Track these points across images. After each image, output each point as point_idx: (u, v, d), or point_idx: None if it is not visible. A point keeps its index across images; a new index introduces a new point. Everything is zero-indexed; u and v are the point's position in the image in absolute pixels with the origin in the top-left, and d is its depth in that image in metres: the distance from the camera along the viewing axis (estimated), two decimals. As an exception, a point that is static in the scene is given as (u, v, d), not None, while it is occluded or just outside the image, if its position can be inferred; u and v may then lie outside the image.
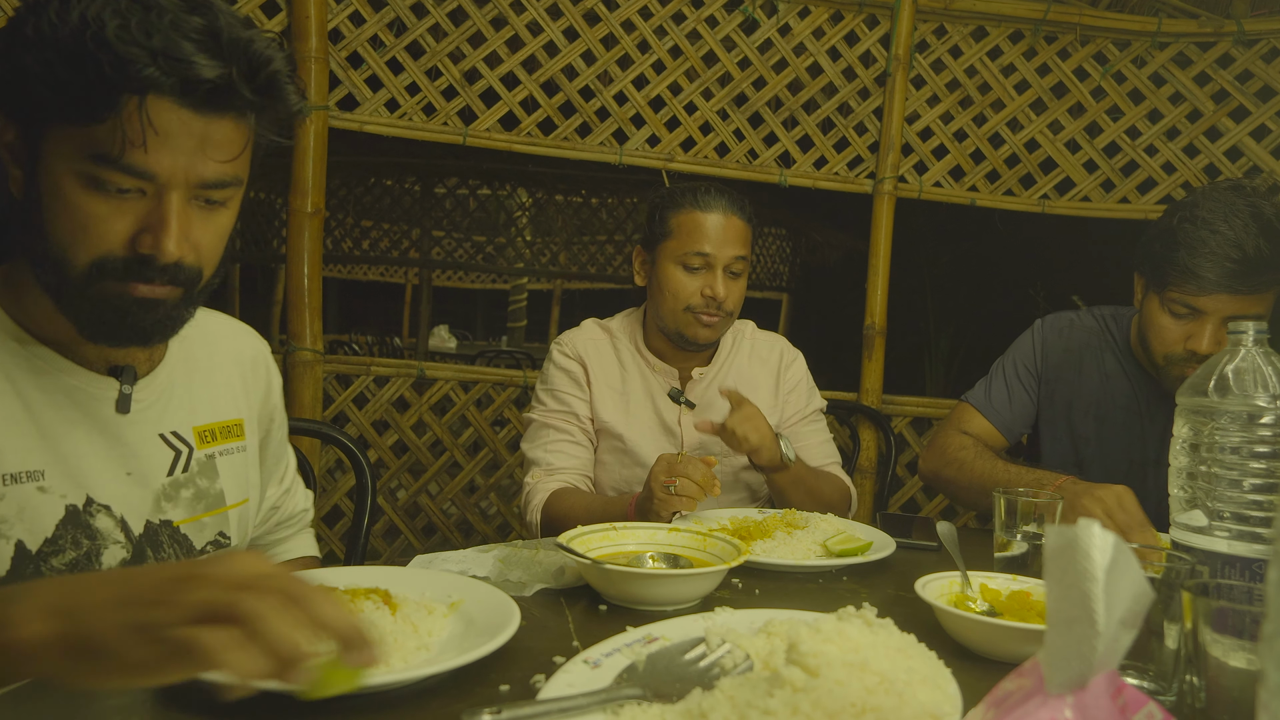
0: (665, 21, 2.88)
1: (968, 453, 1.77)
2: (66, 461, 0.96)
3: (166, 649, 0.60)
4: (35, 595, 0.64)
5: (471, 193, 7.30)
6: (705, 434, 1.60)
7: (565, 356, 1.85)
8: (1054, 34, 3.01)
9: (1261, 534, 0.96)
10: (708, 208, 1.74)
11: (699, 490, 1.38)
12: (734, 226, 1.74)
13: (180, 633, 0.59)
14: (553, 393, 1.82)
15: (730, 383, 1.85)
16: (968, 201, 3.04)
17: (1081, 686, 0.53)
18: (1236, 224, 1.49)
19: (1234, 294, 1.51)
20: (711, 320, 1.75)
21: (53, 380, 0.96)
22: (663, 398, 1.82)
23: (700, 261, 1.73)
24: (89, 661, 0.61)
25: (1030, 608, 1.00)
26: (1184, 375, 1.51)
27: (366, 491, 1.70)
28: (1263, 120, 2.93)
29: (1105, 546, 0.50)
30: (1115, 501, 1.39)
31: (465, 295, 12.95)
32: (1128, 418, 1.79)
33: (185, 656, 0.60)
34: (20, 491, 0.92)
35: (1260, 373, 0.99)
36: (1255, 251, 1.48)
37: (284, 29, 2.62)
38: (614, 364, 1.85)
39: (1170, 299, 1.58)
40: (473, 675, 0.83)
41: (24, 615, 0.62)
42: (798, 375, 1.95)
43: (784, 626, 0.86)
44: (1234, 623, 0.70)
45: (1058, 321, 1.89)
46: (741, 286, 1.78)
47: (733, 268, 1.75)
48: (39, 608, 0.62)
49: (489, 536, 3.06)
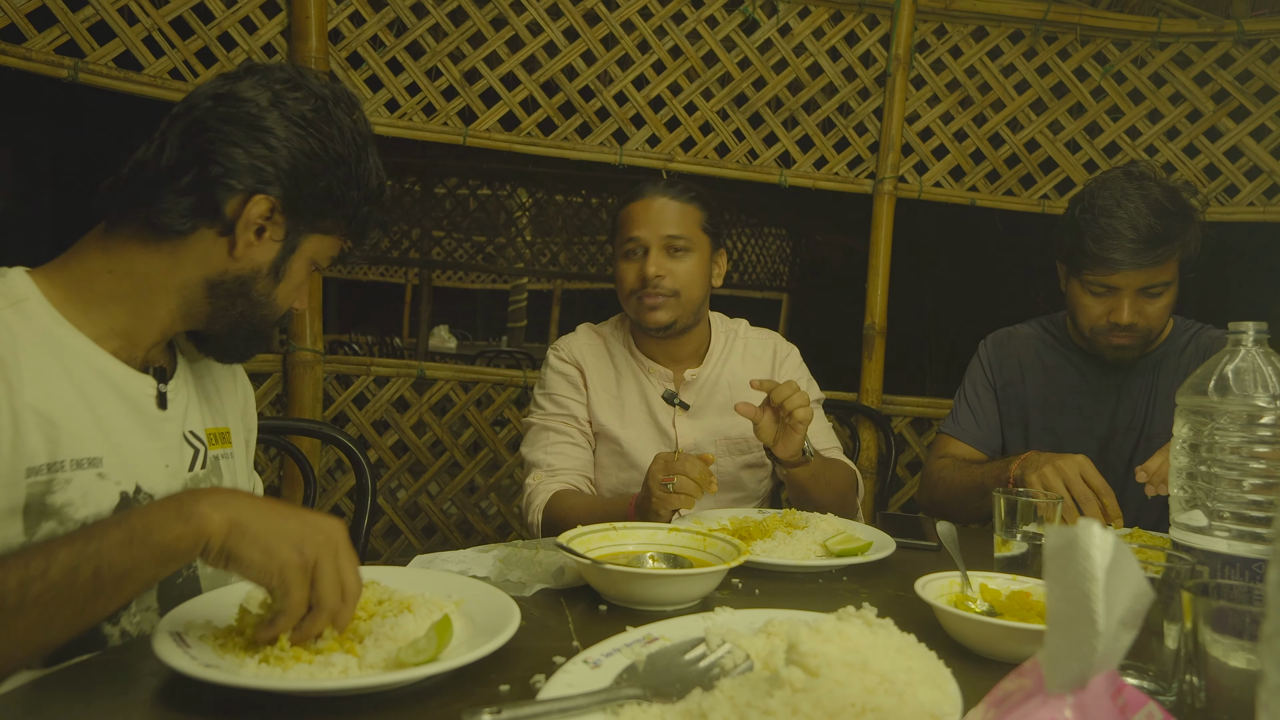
0: (665, 21, 2.88)
1: (946, 471, 1.91)
2: (119, 451, 1.04)
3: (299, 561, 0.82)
4: (208, 498, 0.83)
5: (471, 193, 7.30)
6: (746, 415, 1.56)
7: (562, 361, 1.86)
8: (1054, 34, 3.01)
9: (1261, 534, 0.96)
10: (638, 195, 1.77)
11: (697, 487, 1.39)
12: (666, 207, 1.76)
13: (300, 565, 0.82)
14: (551, 397, 1.83)
15: (724, 382, 1.86)
16: (968, 201, 3.04)
17: (1081, 686, 0.53)
18: (1129, 207, 1.67)
19: (1139, 269, 1.68)
20: (654, 301, 1.74)
21: (103, 375, 1.04)
22: (657, 400, 1.83)
23: (634, 245, 1.76)
24: (253, 544, 0.81)
25: (1030, 608, 1.00)
26: (1112, 343, 1.78)
27: (366, 491, 1.71)
28: (1263, 120, 2.93)
29: (1105, 546, 0.50)
30: (1075, 471, 1.50)
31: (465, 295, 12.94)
32: (1079, 400, 1.92)
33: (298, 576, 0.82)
34: (84, 477, 1.00)
35: (1260, 373, 0.99)
36: (1149, 229, 1.66)
37: (284, 29, 2.62)
38: (609, 367, 1.87)
39: (1088, 281, 1.75)
40: (473, 675, 0.83)
41: (205, 508, 0.82)
42: (794, 368, 1.95)
43: (784, 626, 0.86)
44: (1234, 623, 0.70)
45: (998, 335, 2.07)
46: (688, 266, 1.76)
47: (673, 244, 1.75)
48: (210, 505, 0.82)
49: (489, 536, 3.06)
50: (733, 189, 6.50)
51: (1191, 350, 1.85)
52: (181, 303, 1.07)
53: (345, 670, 0.80)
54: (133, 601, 1.03)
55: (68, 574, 0.78)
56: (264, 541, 0.82)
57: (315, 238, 1.11)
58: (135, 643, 0.91)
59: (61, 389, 0.99)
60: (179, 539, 0.81)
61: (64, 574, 0.78)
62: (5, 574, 0.77)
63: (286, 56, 2.63)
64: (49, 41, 2.35)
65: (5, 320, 0.96)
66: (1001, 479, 1.65)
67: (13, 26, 2.30)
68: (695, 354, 1.88)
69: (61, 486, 0.98)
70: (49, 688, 0.80)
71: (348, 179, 1.08)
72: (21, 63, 2.32)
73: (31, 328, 0.98)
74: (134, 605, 1.05)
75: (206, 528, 0.81)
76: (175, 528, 0.81)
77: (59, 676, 0.83)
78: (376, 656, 0.83)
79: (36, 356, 0.97)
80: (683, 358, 1.86)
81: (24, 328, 0.98)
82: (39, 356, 0.97)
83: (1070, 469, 1.51)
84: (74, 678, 0.82)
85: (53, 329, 1.00)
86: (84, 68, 2.38)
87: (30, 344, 0.97)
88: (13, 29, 2.30)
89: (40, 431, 0.96)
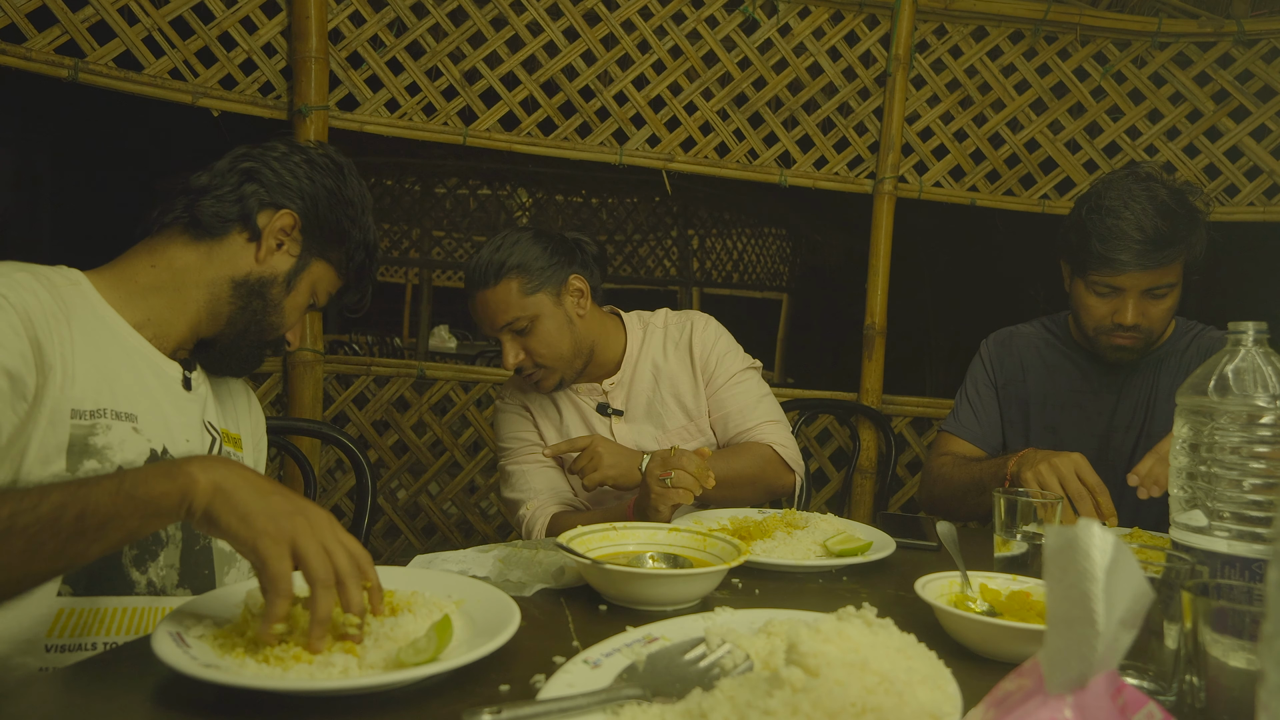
0: (665, 21, 2.88)
1: (947, 469, 1.90)
2: (151, 414, 1.17)
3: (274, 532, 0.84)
4: (193, 462, 0.88)
5: (471, 193, 7.30)
6: None
7: (509, 405, 1.89)
8: (1054, 34, 3.01)
9: (1261, 534, 0.96)
10: (468, 294, 1.75)
11: (695, 481, 1.40)
12: (487, 302, 1.70)
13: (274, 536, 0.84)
14: (511, 438, 1.86)
15: (648, 378, 1.84)
16: (968, 201, 3.04)
17: (1081, 686, 0.53)
18: (1136, 209, 1.67)
19: (1145, 270, 1.68)
20: (535, 377, 1.75)
21: (139, 352, 1.19)
22: (593, 414, 1.84)
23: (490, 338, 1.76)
24: (232, 510, 0.85)
25: (1030, 608, 1.00)
26: (1114, 344, 1.78)
27: (366, 491, 1.71)
28: (1263, 120, 2.93)
29: (1105, 546, 0.50)
30: (1070, 468, 1.50)
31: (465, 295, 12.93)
32: (1080, 399, 1.92)
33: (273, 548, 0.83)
34: (122, 428, 1.12)
35: (1260, 373, 0.99)
36: (1155, 231, 1.66)
37: (284, 29, 2.62)
38: (547, 402, 1.87)
39: (1092, 281, 1.75)
40: (473, 675, 0.83)
41: (194, 469, 0.86)
42: (707, 341, 1.85)
43: (784, 626, 0.86)
44: (1234, 623, 0.70)
45: (999, 334, 2.06)
46: (539, 336, 1.71)
47: (513, 327, 1.70)
48: (199, 468, 0.87)
49: (489, 536, 3.06)
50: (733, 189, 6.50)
51: (1193, 351, 1.85)
52: (209, 300, 1.23)
53: (345, 670, 0.80)
54: (160, 554, 1.15)
55: (55, 511, 0.84)
56: (243, 510, 0.85)
57: (321, 264, 1.31)
58: (135, 643, 0.91)
59: (107, 352, 1.14)
60: (164, 495, 0.85)
61: (52, 510, 0.84)
62: (0, 504, 0.84)
63: (286, 56, 2.63)
64: (49, 41, 2.35)
65: (65, 292, 1.12)
66: (999, 476, 1.65)
67: (13, 26, 2.30)
68: (611, 363, 1.85)
69: (103, 431, 1.10)
70: (49, 687, 0.80)
71: (354, 220, 1.31)
72: (21, 63, 2.32)
73: (84, 304, 1.14)
74: (161, 558, 1.15)
75: (192, 488, 0.85)
76: (162, 484, 0.86)
77: (59, 676, 0.83)
78: (376, 656, 0.83)
79: (87, 322, 1.13)
80: (601, 375, 1.85)
81: (78, 302, 1.14)
82: (89, 323, 1.13)
83: (1065, 466, 1.51)
84: (74, 678, 0.82)
85: (99, 309, 1.16)
86: (84, 68, 2.38)
87: (82, 314, 1.13)
88: (13, 29, 2.30)
89: (88, 380, 1.09)
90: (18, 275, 1.07)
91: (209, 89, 2.54)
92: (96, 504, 0.85)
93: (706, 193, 6.81)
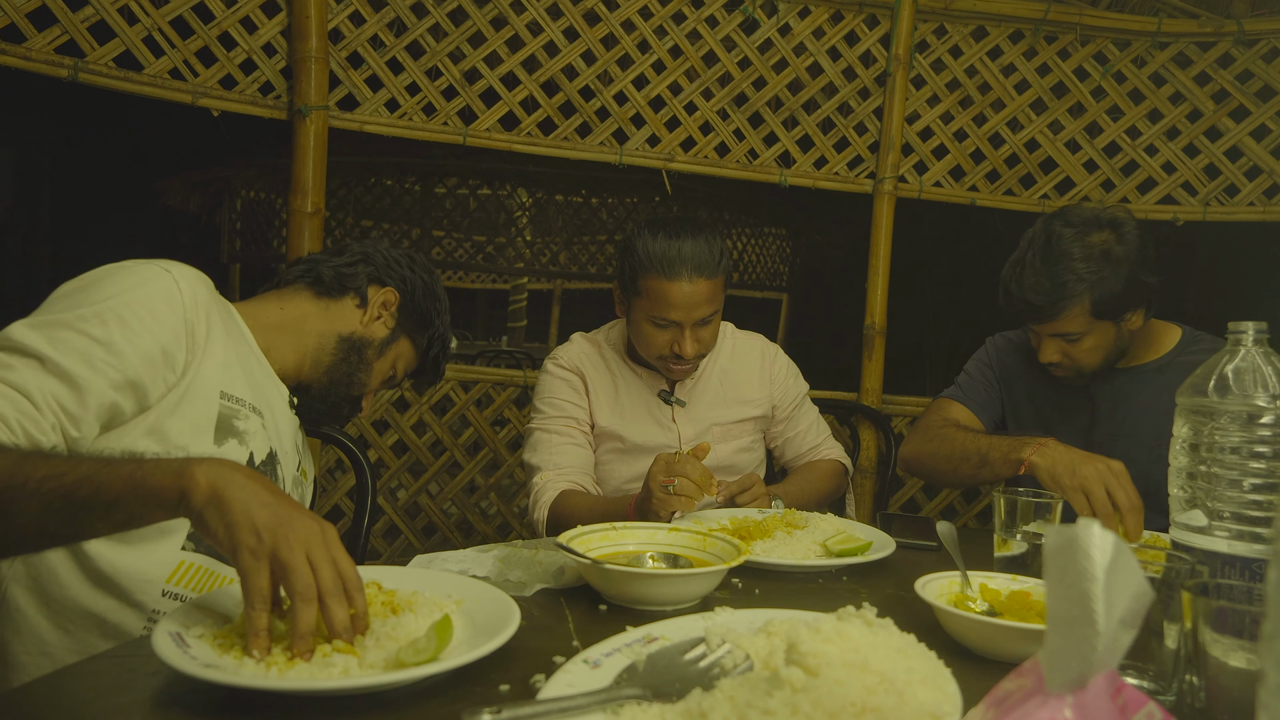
0: (665, 21, 2.88)
1: (950, 429, 1.87)
2: (272, 416, 1.34)
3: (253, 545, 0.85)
4: (204, 463, 0.90)
5: (471, 193, 7.29)
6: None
7: (562, 368, 1.92)
8: (1054, 34, 3.01)
9: (1261, 534, 0.96)
10: (669, 274, 1.71)
11: (697, 489, 1.39)
12: (699, 291, 1.72)
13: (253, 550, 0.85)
14: (550, 401, 1.88)
15: (715, 377, 1.95)
16: (968, 201, 3.04)
17: (1081, 686, 0.53)
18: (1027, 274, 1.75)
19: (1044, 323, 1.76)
20: (683, 369, 1.82)
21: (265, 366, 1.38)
22: (654, 399, 1.91)
23: (667, 322, 1.75)
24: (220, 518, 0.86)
25: (1030, 608, 1.00)
26: (1060, 376, 1.85)
27: (366, 491, 1.71)
28: (1263, 120, 2.93)
29: (1105, 546, 0.50)
30: (1115, 478, 1.42)
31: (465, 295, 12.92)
32: (1079, 400, 1.92)
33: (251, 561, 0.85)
34: (255, 420, 1.28)
35: (1260, 373, 0.99)
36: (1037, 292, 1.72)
37: (284, 29, 2.62)
38: (605, 373, 1.93)
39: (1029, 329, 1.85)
40: (473, 675, 0.83)
41: (198, 471, 0.88)
42: (784, 366, 2.05)
43: (784, 626, 0.86)
44: (1234, 623, 0.70)
45: (1003, 335, 2.11)
46: (713, 328, 1.81)
47: (704, 320, 1.76)
48: (204, 471, 0.88)
49: (489, 536, 3.06)
50: (733, 189, 6.50)
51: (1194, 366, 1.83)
52: (317, 347, 1.44)
53: (345, 670, 0.80)
54: None
55: (76, 483, 0.88)
56: (230, 518, 0.85)
57: (407, 342, 1.53)
58: (135, 643, 0.91)
59: (245, 356, 1.32)
60: (165, 489, 0.88)
61: (74, 482, 0.88)
62: (38, 465, 0.90)
63: (286, 56, 2.63)
64: (49, 41, 2.35)
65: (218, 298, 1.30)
66: (1011, 459, 1.59)
67: (13, 26, 2.30)
68: None
69: (244, 417, 1.26)
70: (49, 687, 0.80)
71: (439, 313, 1.56)
72: (21, 63, 2.32)
73: (229, 313, 1.34)
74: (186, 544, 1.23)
75: (190, 489, 0.87)
76: (166, 478, 0.88)
77: (59, 676, 0.83)
78: (376, 656, 0.83)
79: (231, 326, 1.31)
80: None
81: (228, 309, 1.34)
82: (233, 327, 1.32)
83: (1094, 479, 1.42)
84: (74, 677, 0.82)
85: (240, 322, 1.36)
86: (84, 68, 2.38)
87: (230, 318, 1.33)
88: (13, 29, 2.30)
89: (236, 370, 1.27)
90: (187, 268, 1.24)
91: (209, 89, 2.53)
92: (110, 484, 0.88)
93: (706, 193, 6.80)
